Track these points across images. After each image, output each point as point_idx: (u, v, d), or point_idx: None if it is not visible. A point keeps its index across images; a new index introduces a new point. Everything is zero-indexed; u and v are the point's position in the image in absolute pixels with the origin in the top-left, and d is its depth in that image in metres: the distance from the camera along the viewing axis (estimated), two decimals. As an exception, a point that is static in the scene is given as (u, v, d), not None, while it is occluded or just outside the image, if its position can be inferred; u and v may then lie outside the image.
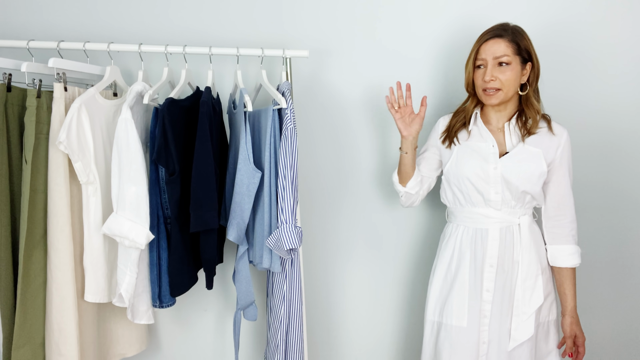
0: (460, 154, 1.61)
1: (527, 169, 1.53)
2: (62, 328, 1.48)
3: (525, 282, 1.55)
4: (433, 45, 1.95)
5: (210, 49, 1.65)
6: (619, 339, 2.12)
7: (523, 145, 1.55)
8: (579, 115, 1.99)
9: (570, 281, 1.59)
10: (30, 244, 1.47)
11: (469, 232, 1.61)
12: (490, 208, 1.58)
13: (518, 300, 1.55)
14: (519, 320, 1.55)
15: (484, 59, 1.53)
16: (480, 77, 1.54)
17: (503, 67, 1.51)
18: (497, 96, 1.53)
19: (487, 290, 1.57)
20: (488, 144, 1.58)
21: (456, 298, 1.60)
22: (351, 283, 2.07)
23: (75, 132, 1.45)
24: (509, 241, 1.57)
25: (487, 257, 1.58)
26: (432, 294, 1.68)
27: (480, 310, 1.58)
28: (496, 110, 1.61)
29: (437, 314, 1.66)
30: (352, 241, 2.05)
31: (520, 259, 1.55)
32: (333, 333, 2.09)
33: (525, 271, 1.55)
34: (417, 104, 1.97)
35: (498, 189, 1.55)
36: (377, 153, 2.00)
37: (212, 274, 1.68)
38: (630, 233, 2.06)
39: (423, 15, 1.94)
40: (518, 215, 1.58)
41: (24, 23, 1.84)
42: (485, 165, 1.56)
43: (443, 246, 1.70)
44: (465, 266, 1.60)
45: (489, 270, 1.57)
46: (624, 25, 1.96)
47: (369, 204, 2.03)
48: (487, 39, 1.53)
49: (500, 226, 1.58)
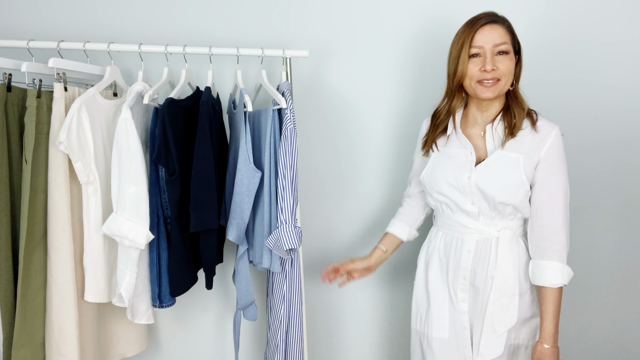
0: (437, 161, 1.49)
1: (503, 177, 1.38)
2: (62, 328, 1.48)
3: (499, 300, 1.41)
4: (433, 46, 1.95)
5: (210, 49, 1.65)
6: (618, 339, 2.12)
7: (501, 152, 1.39)
8: (575, 116, 1.99)
9: (551, 303, 1.37)
10: (30, 244, 1.47)
11: (447, 239, 1.51)
12: (468, 217, 1.45)
13: (489, 317, 1.42)
14: (488, 338, 1.42)
15: (480, 46, 1.35)
16: (477, 67, 1.36)
17: (502, 56, 1.35)
18: (494, 88, 1.36)
19: (462, 300, 1.47)
20: (466, 151, 1.44)
21: (435, 309, 1.51)
22: (351, 283, 2.07)
23: (75, 132, 1.45)
24: (484, 254, 1.44)
25: (460, 269, 1.47)
26: (414, 302, 1.62)
27: (460, 321, 1.48)
28: (482, 110, 1.45)
29: (418, 323, 1.58)
30: (352, 240, 2.05)
31: (496, 276, 1.41)
32: (333, 333, 2.09)
33: (498, 289, 1.41)
34: (417, 105, 1.98)
35: (474, 200, 1.42)
36: (377, 153, 2.00)
37: (212, 274, 1.68)
38: (632, 233, 2.06)
39: (425, 17, 1.94)
40: (498, 228, 1.42)
41: (24, 23, 1.84)
42: (460, 174, 1.42)
43: (422, 251, 1.63)
44: (443, 275, 1.51)
45: (462, 282, 1.47)
46: (621, 22, 1.96)
47: (368, 204, 2.03)
48: (482, 24, 1.35)
49: (477, 237, 1.44)
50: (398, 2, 1.93)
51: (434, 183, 1.48)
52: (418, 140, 1.65)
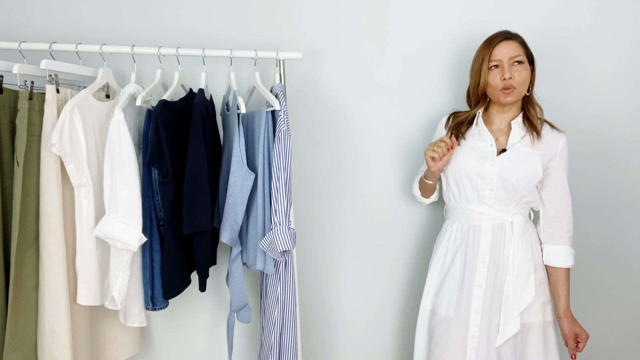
0: (459, 150, 1.66)
1: (522, 167, 1.58)
2: (54, 331, 1.48)
3: (517, 279, 1.59)
4: (426, 49, 1.96)
5: (203, 51, 1.64)
6: (619, 340, 2.14)
7: (521, 146, 1.60)
8: (570, 119, 2.00)
9: (564, 282, 1.62)
10: (22, 247, 1.46)
11: (463, 228, 1.67)
12: (483, 205, 1.63)
13: (507, 296, 1.59)
14: (507, 316, 1.58)
15: (499, 59, 1.58)
16: (498, 77, 1.58)
17: (518, 66, 1.57)
18: (514, 94, 1.58)
19: (479, 285, 1.62)
20: (486, 143, 1.63)
21: (447, 289, 1.67)
22: (345, 284, 2.07)
23: (67, 134, 1.44)
24: (500, 238, 1.62)
25: (479, 253, 1.62)
26: (428, 286, 1.74)
27: (471, 304, 1.62)
28: (502, 112, 1.66)
29: (429, 302, 1.73)
30: (347, 242, 2.05)
31: (511, 256, 1.59)
32: (327, 335, 2.09)
33: (517, 268, 1.59)
34: (409, 107, 1.99)
35: (493, 187, 1.60)
36: (371, 154, 2.01)
37: (205, 277, 1.67)
38: (623, 234, 2.08)
39: (418, 21, 1.95)
40: (511, 214, 1.61)
41: (16, 25, 1.83)
42: (483, 162, 1.61)
43: (438, 241, 1.76)
44: (458, 260, 1.66)
45: (481, 266, 1.62)
46: (616, 29, 1.98)
47: (363, 205, 2.03)
48: (499, 41, 1.59)
49: (493, 223, 1.62)
50: (390, 5, 1.94)
51: (458, 169, 1.64)
52: (434, 137, 1.79)
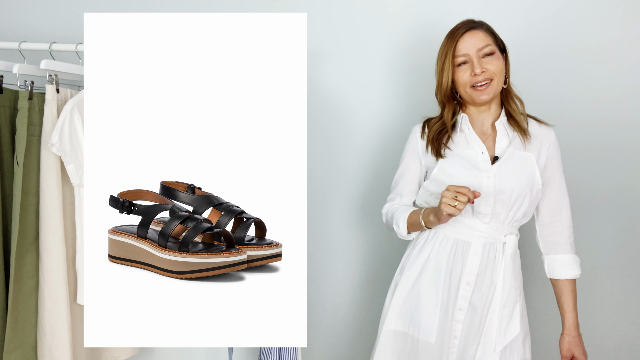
0: (446, 164, 1.41)
1: (522, 175, 1.36)
2: (54, 331, 1.48)
3: (504, 310, 1.37)
4: (426, 49, 1.96)
5: (203, 51, 1.64)
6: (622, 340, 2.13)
7: (514, 150, 1.39)
8: (568, 115, 2.00)
9: (570, 294, 1.42)
10: (22, 247, 1.46)
11: (449, 242, 1.41)
12: (477, 220, 1.38)
13: (490, 327, 1.37)
14: (486, 350, 1.36)
15: (465, 54, 1.37)
16: (467, 74, 1.37)
17: (489, 58, 1.37)
18: (489, 89, 1.37)
19: (460, 309, 1.38)
20: (476, 151, 1.40)
21: (425, 312, 1.41)
22: (346, 284, 2.07)
23: (67, 134, 1.44)
24: (490, 259, 1.38)
25: (464, 274, 1.38)
26: (396, 302, 1.48)
27: (450, 329, 1.39)
28: (481, 111, 1.44)
29: (400, 323, 1.47)
30: (346, 242, 2.05)
31: (500, 282, 1.37)
32: (327, 334, 2.09)
33: (505, 297, 1.37)
34: (410, 108, 1.98)
35: (489, 201, 1.36)
36: (370, 155, 2.01)
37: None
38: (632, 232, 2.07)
39: (417, 20, 1.95)
40: (505, 233, 1.39)
41: (16, 25, 1.83)
42: (477, 173, 1.37)
43: (416, 252, 1.47)
44: (439, 279, 1.40)
45: (465, 288, 1.38)
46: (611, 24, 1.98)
47: (362, 205, 2.03)
48: (462, 32, 1.38)
49: (485, 242, 1.38)
50: (391, 5, 1.94)
51: (449, 182, 1.38)
52: (407, 148, 1.54)
